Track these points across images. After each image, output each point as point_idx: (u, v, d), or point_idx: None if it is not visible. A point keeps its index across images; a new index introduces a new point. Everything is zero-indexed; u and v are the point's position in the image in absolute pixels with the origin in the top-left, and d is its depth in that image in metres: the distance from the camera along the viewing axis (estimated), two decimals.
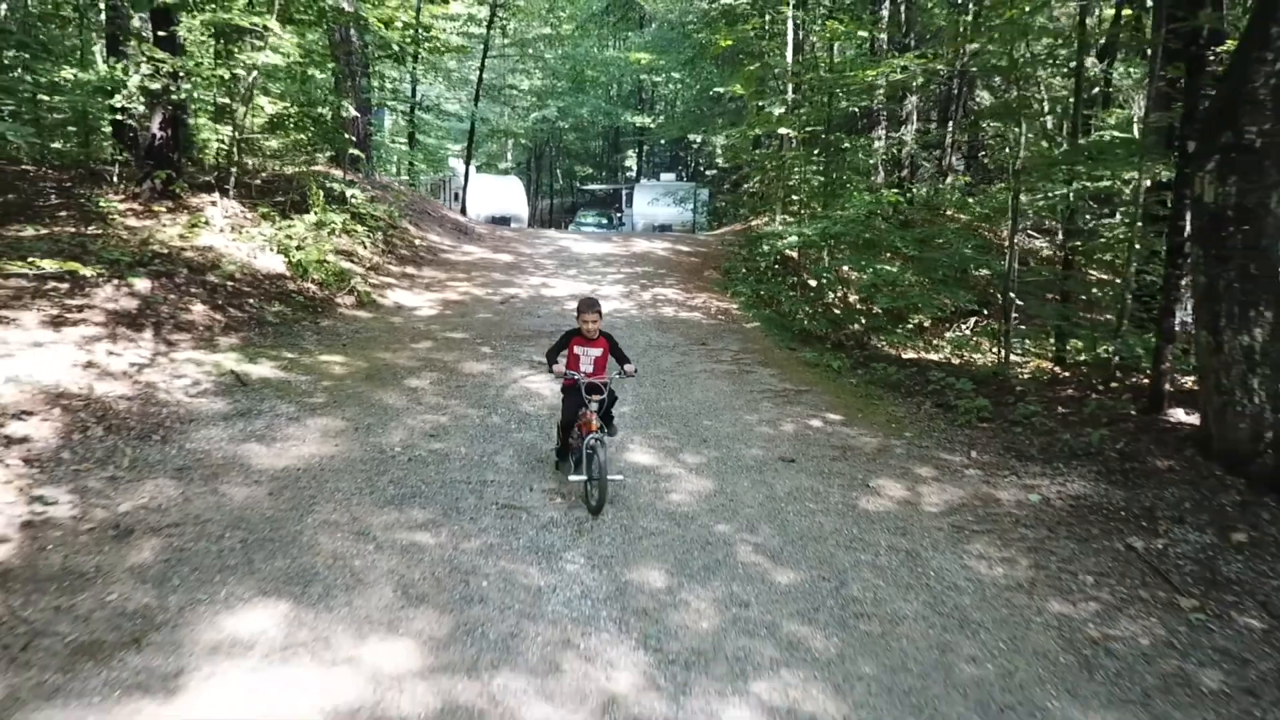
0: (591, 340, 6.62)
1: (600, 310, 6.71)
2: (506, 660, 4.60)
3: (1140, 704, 4.63)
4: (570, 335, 6.68)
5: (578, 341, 6.63)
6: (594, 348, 6.63)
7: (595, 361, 6.63)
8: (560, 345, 6.66)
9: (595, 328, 6.61)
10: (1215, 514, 6.29)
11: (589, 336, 6.61)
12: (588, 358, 6.61)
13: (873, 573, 5.67)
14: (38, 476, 6.24)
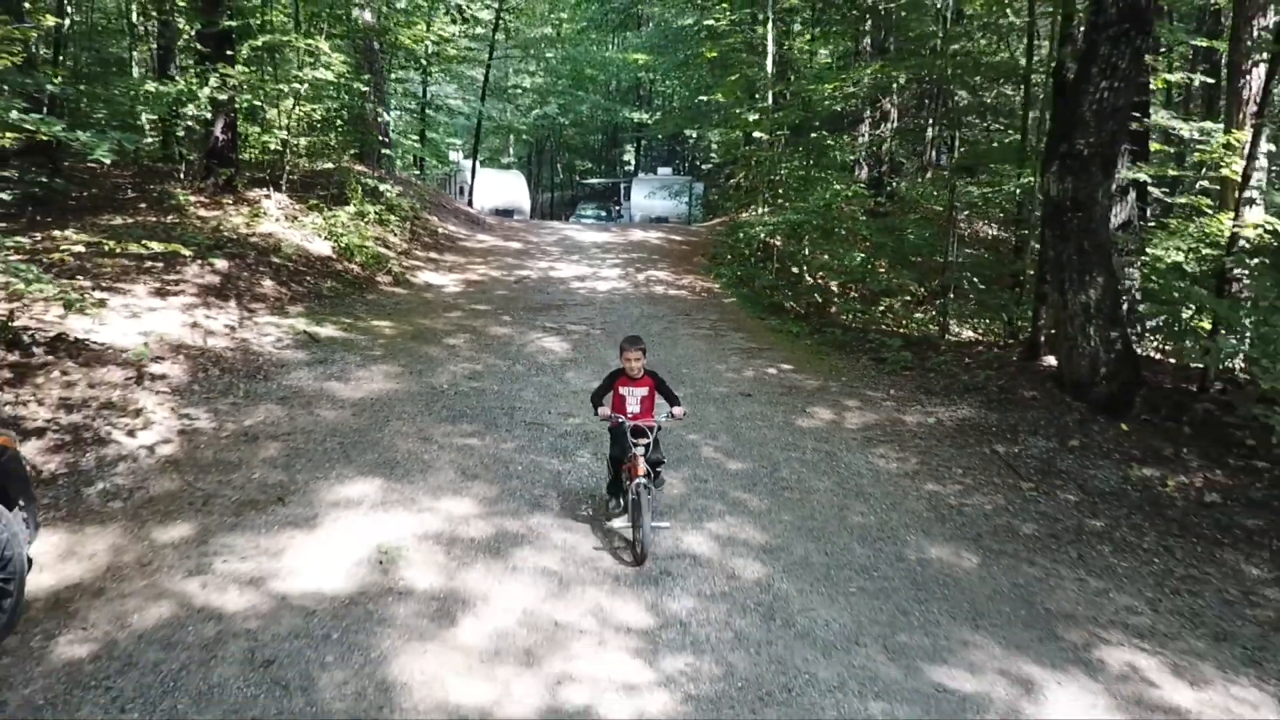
0: (637, 380, 6.34)
1: (644, 348, 6.43)
2: (539, 509, 6.67)
3: (973, 540, 6.71)
4: (615, 376, 6.43)
5: (622, 382, 6.36)
6: (639, 387, 6.34)
7: (642, 402, 6.34)
8: (605, 386, 6.43)
9: (640, 366, 6.34)
10: (1060, 428, 8.37)
11: (634, 376, 6.33)
12: (634, 398, 6.32)
13: (799, 464, 7.75)
14: (180, 401, 8.30)
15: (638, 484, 5.91)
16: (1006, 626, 5.59)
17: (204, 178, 14.76)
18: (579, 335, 11.88)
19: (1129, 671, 5.25)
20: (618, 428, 6.24)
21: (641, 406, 6.31)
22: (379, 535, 6.16)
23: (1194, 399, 8.51)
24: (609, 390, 6.39)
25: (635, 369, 6.31)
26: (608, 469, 6.52)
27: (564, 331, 12.05)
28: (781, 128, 16.73)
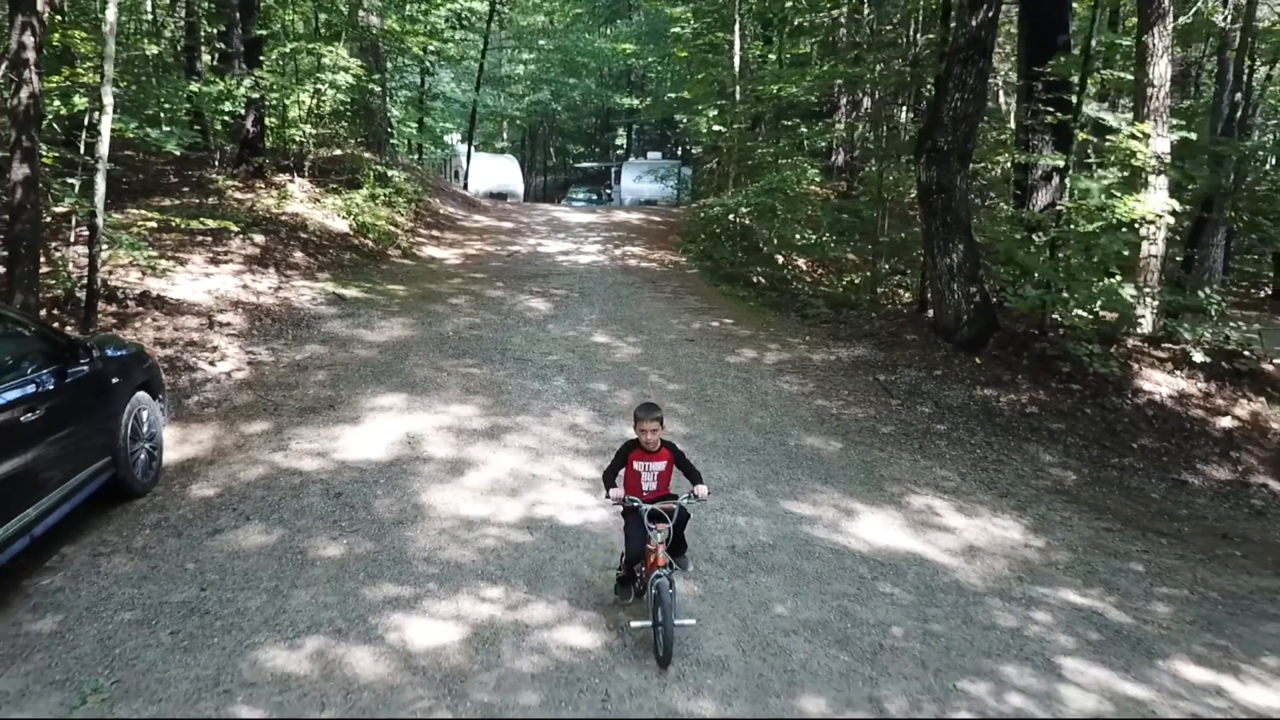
0: (653, 453, 5.56)
1: (661, 417, 5.58)
2: (524, 412, 9.09)
3: (841, 435, 9.14)
4: (628, 449, 5.62)
5: (637, 456, 5.58)
6: (656, 461, 5.59)
7: (659, 478, 5.61)
8: (618, 463, 5.62)
9: (656, 438, 5.53)
10: (929, 362, 10.81)
11: (649, 449, 5.54)
12: (650, 474, 5.59)
13: (722, 386, 10.18)
14: (244, 341, 10.69)
15: (658, 576, 5.16)
16: (847, 484, 8.03)
17: (236, 165, 17.07)
18: (560, 297, 14.27)
19: (925, 509, 7.70)
20: (633, 512, 5.44)
21: (659, 483, 5.59)
22: (406, 426, 8.57)
23: (1034, 340, 10.93)
24: (621, 467, 5.58)
25: (652, 441, 5.50)
26: (619, 563, 5.73)
27: (548, 295, 14.43)
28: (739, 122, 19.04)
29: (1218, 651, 5.91)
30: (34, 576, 5.80)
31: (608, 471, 5.55)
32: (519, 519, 6.86)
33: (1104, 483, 8.81)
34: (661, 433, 5.53)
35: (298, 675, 4.89)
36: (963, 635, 5.72)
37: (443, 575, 5.96)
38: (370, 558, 6.15)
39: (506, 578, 5.98)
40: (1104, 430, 9.67)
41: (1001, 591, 6.40)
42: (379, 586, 5.79)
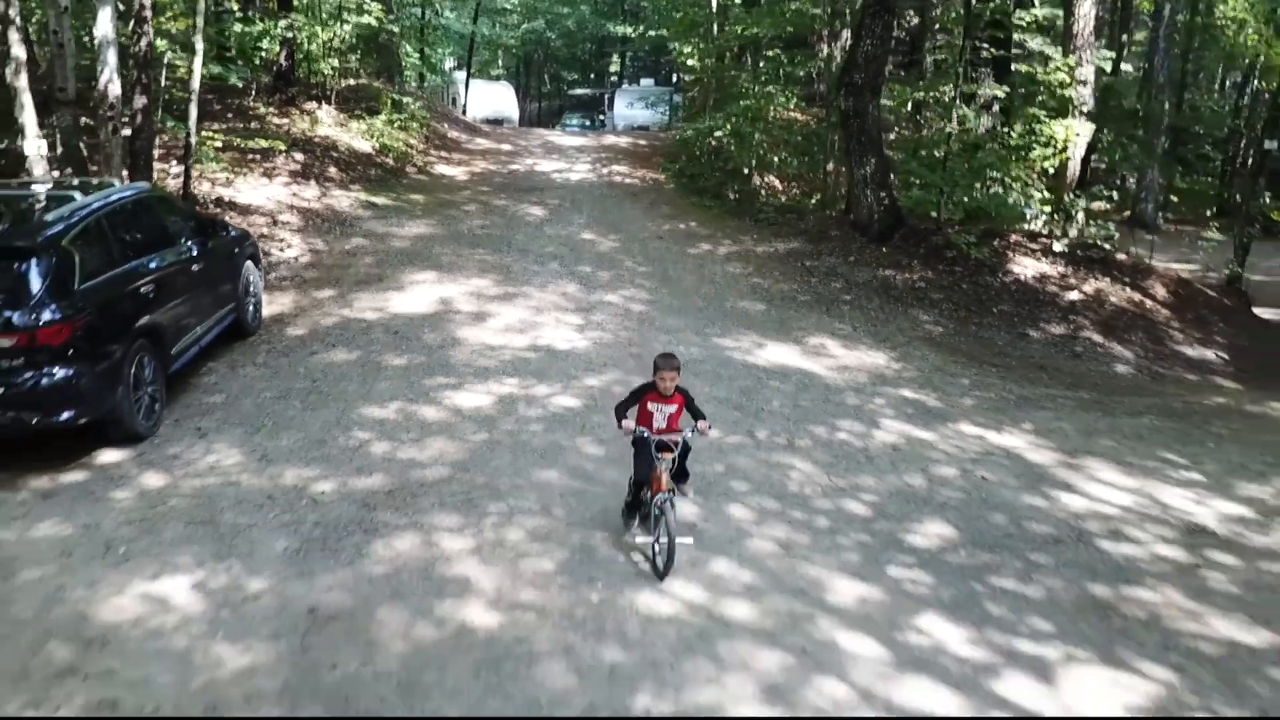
0: (667, 397, 6.11)
1: (679, 366, 6.15)
2: (527, 284, 12.01)
3: (767, 302, 12.08)
4: (644, 390, 6.17)
5: (652, 398, 6.14)
6: (670, 404, 6.14)
7: (669, 418, 6.18)
8: (631, 400, 6.22)
9: (672, 386, 6.07)
10: (845, 251, 13.72)
11: (664, 394, 6.09)
12: (661, 414, 6.15)
13: (680, 269, 13.11)
14: (303, 235, 13.55)
15: (660, 498, 5.78)
16: (764, 330, 11.00)
17: (272, 94, 19.69)
18: (554, 206, 17.09)
19: (818, 345, 10.68)
20: (642, 441, 6.03)
21: (668, 423, 6.14)
22: (439, 293, 11.49)
23: (931, 233, 13.82)
24: (635, 404, 6.18)
25: (668, 388, 6.07)
26: (628, 489, 6.30)
27: (544, 204, 17.24)
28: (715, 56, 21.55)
29: (993, 422, 8.94)
30: (198, 377, 8.76)
31: (620, 406, 6.14)
32: (525, 345, 9.84)
33: (963, 335, 11.81)
34: (677, 379, 6.06)
35: (388, 419, 7.88)
36: (819, 407, 8.75)
37: (476, 373, 8.96)
38: (425, 365, 9.13)
39: (519, 374, 8.98)
40: (973, 299, 12.63)
41: (856, 389, 9.42)
42: (434, 379, 8.78)
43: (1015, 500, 7.16)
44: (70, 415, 6.82)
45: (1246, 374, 11.79)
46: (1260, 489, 7.79)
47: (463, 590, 5.46)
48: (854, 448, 7.91)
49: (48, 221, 7.23)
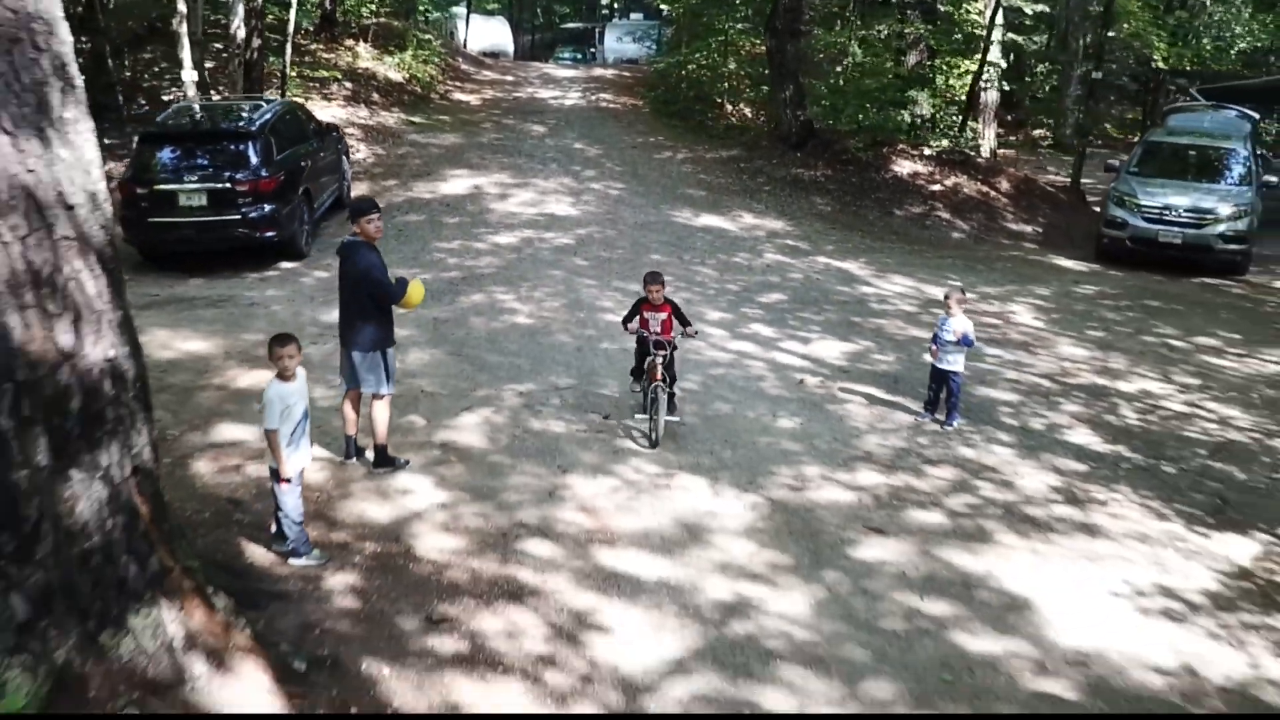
0: (658, 306, 7.79)
1: (664, 281, 7.92)
2: (534, 176, 16.93)
3: (708, 191, 17.05)
4: (640, 302, 7.90)
5: (646, 308, 7.82)
6: (660, 312, 7.78)
7: (661, 324, 7.73)
8: (632, 312, 7.94)
9: (660, 296, 7.78)
10: (769, 156, 18.63)
11: (655, 303, 7.79)
12: (655, 320, 7.75)
13: (646, 169, 18.02)
14: (366, 143, 18.39)
15: (655, 386, 7.38)
16: (701, 207, 15.96)
17: (318, 33, 24.29)
18: (551, 125, 21.88)
19: (737, 215, 15.67)
20: (643, 341, 7.78)
21: (661, 327, 7.74)
22: (472, 182, 16.39)
23: (834, 142, 18.69)
24: (636, 314, 7.89)
25: (657, 298, 7.78)
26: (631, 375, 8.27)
27: (544, 123, 22.03)
28: None
29: (840, 256, 13.97)
30: (324, 226, 13.71)
31: (626, 316, 8.02)
32: (535, 212, 14.80)
33: (844, 212, 16.79)
34: (664, 291, 7.85)
35: (453, 248, 12.86)
36: (727, 246, 13.77)
37: (505, 226, 13.94)
38: (470, 222, 14.09)
39: (533, 227, 13.96)
40: (857, 189, 17.57)
41: (755, 239, 14.44)
42: (477, 229, 13.75)
43: (832, 287, 12.26)
44: (272, 235, 11.82)
45: (1047, 241, 16.78)
46: (992, 287, 12.89)
47: (512, 312, 10.53)
48: (741, 264, 12.98)
49: (254, 118, 12.18)
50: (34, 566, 3.51)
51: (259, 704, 4.03)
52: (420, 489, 6.57)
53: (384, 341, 6.77)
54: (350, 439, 6.94)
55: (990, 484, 7.25)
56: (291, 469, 5.32)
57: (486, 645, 4.91)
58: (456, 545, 5.87)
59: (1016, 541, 6.43)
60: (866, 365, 9.65)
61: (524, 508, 6.41)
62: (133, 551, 3.84)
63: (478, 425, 7.67)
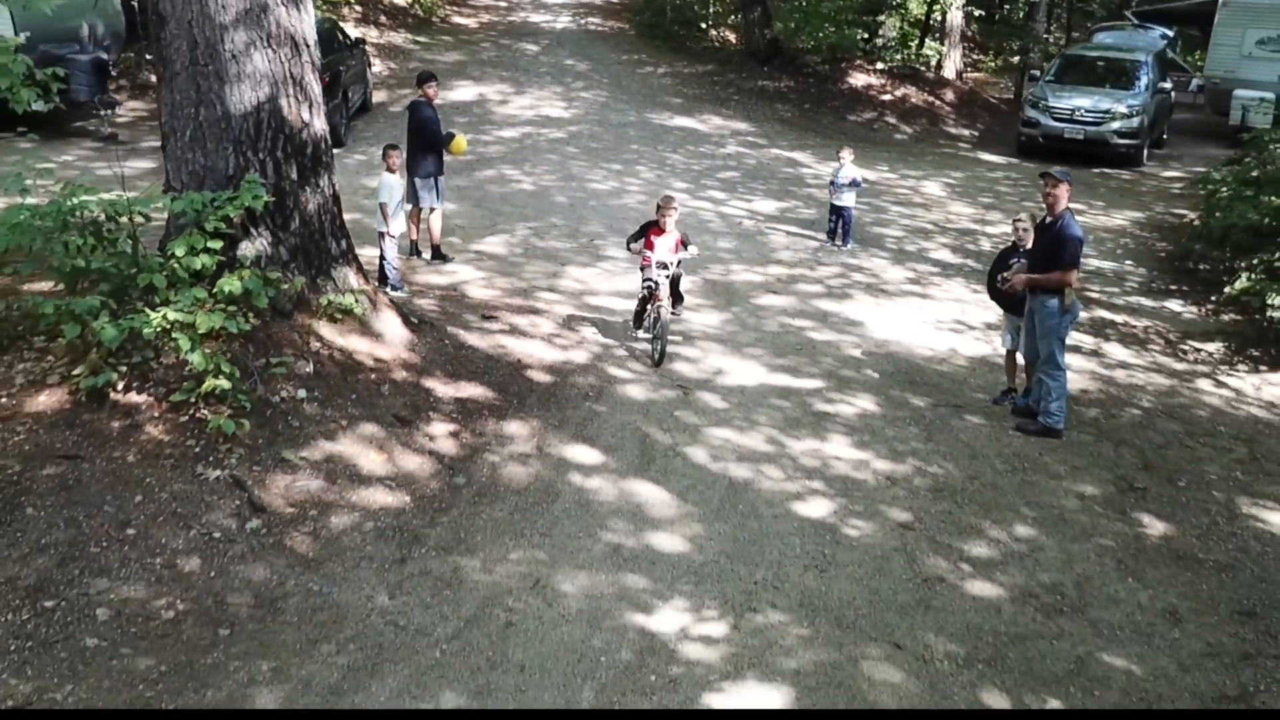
0: (667, 231, 8.26)
1: (677, 207, 8.44)
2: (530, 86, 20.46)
3: (685, 99, 20.60)
4: (648, 226, 8.37)
5: (655, 232, 8.25)
6: (669, 236, 8.26)
7: (668, 250, 8.27)
8: (639, 234, 8.45)
9: (671, 222, 8.24)
10: (740, 71, 22.14)
11: (664, 228, 8.24)
12: (663, 246, 8.22)
13: (630, 80, 21.55)
14: (380, 60, 21.85)
15: (659, 306, 8.05)
16: (676, 111, 19.51)
17: None
18: (544, 44, 25.28)
19: (706, 118, 19.23)
20: (647, 262, 8.24)
21: (670, 251, 8.29)
22: (477, 91, 19.89)
23: (798, 58, 22.20)
24: (643, 237, 8.36)
25: (668, 223, 8.24)
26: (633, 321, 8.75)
27: (537, 43, 25.42)
28: None
29: (791, 149, 17.58)
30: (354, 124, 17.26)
31: (632, 236, 8.67)
32: (533, 115, 18.35)
33: (802, 118, 20.33)
34: (675, 217, 8.37)
35: None
36: (695, 140, 17.37)
37: (508, 124, 17.51)
38: (478, 121, 17.62)
39: (531, 124, 17.54)
40: (816, 98, 21.12)
41: (720, 135, 18.03)
42: (484, 127, 17.30)
43: (779, 169, 15.92)
44: None
45: (981, 143, 20.36)
46: (914, 171, 16.55)
47: (518, 182, 14.15)
48: (706, 153, 16.62)
49: None
50: (289, 234, 7.19)
51: (397, 330, 7.72)
52: (465, 272, 10.26)
53: (437, 171, 10.40)
54: (413, 243, 10.62)
55: (862, 275, 11.02)
56: (394, 229, 9.03)
57: (519, 327, 8.66)
58: (495, 294, 9.59)
59: (868, 299, 10.21)
60: (793, 215, 13.35)
61: (537, 279, 10.14)
62: (334, 236, 7.53)
63: (499, 242, 11.36)
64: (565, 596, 5.21)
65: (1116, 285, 11.33)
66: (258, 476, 5.77)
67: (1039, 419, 7.38)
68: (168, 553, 5.12)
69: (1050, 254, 7.14)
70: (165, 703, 4.26)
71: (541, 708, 4.38)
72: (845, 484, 6.56)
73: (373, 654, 4.68)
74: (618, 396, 7.63)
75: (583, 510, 6.04)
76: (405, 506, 5.89)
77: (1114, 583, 5.66)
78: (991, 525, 6.15)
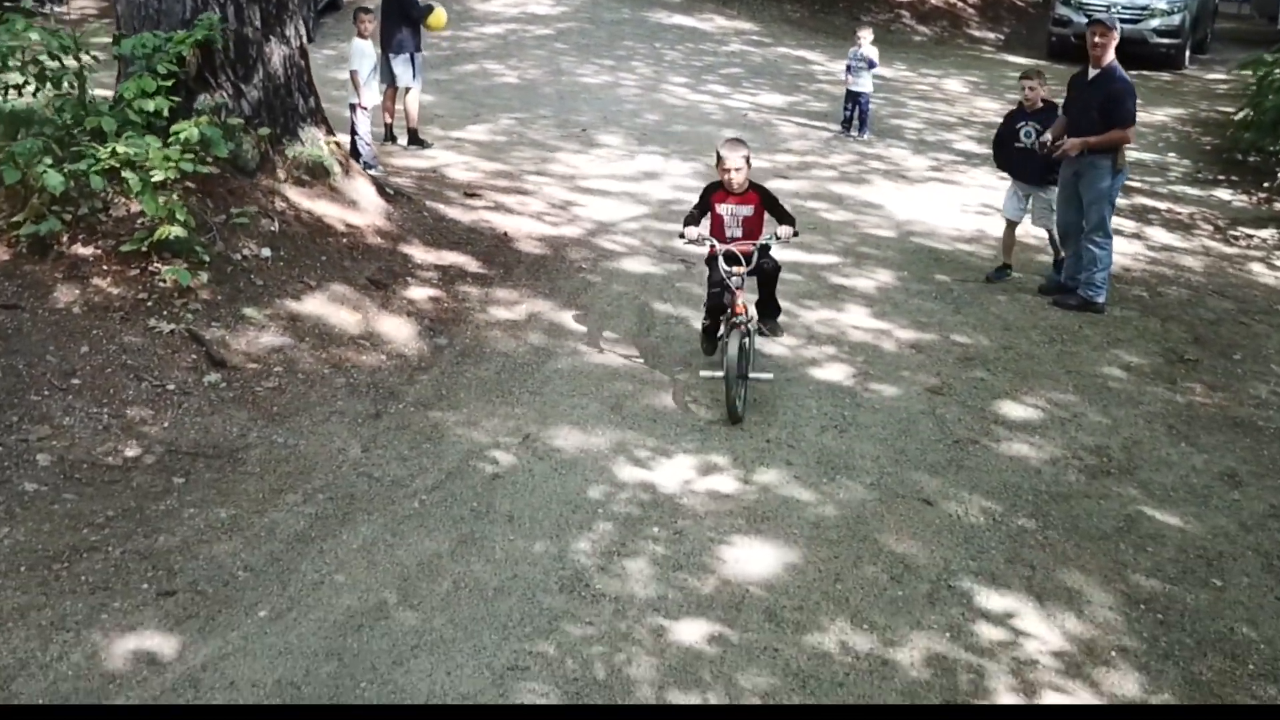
0: (737, 195, 5.58)
1: (748, 155, 5.57)
2: None
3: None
4: (711, 190, 5.68)
5: (719, 198, 5.62)
6: (743, 205, 5.59)
7: (743, 223, 5.60)
8: (700, 207, 5.70)
9: (742, 177, 5.52)
10: None
11: (734, 190, 5.55)
12: (734, 218, 5.60)
13: None
14: None
15: (737, 323, 5.26)
16: (676, 11, 19.08)
17: None
18: None
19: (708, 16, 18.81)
20: (711, 255, 5.60)
21: (744, 229, 5.61)
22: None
23: None
24: (705, 212, 5.69)
25: (737, 181, 5.52)
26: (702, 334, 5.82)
27: None
28: None
29: (799, 48, 17.21)
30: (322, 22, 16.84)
31: (689, 215, 5.65)
32: (520, 11, 17.93)
33: (814, 18, 19.86)
34: (747, 172, 5.55)
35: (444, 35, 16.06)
36: (696, 39, 16.99)
37: (490, 20, 17.11)
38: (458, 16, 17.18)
39: (517, 20, 17.14)
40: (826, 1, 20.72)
41: (722, 34, 17.64)
42: (465, 23, 16.90)
43: (786, 66, 15.58)
44: None
45: (1006, 46, 19.98)
46: (935, 70, 16.21)
47: (502, 75, 13.80)
48: (707, 50, 16.27)
49: None
50: (252, 87, 6.89)
51: (372, 198, 7.45)
52: (446, 157, 9.96)
53: (414, 47, 10.05)
54: (388, 127, 10.30)
55: (880, 163, 10.76)
56: (367, 100, 8.73)
57: (506, 205, 8.41)
58: (479, 176, 9.31)
59: (887, 184, 9.96)
60: (802, 108, 13.06)
61: (525, 164, 9.86)
62: (301, 91, 7.24)
63: (483, 131, 11.06)
64: (558, 451, 5.01)
65: (1158, 175, 11.06)
66: (217, 333, 5.55)
67: (1079, 292, 7.15)
68: (116, 403, 4.91)
69: (1102, 111, 6.86)
70: (112, 547, 4.07)
71: (531, 561, 4.19)
72: (865, 350, 6.35)
73: (344, 504, 4.49)
74: (614, 269, 7.40)
75: (576, 372, 5.83)
76: (381, 365, 5.68)
77: (1165, 447, 5.47)
78: (1028, 392, 5.94)
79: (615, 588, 4.08)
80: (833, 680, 3.67)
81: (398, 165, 9.44)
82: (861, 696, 3.61)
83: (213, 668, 3.52)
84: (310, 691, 3.45)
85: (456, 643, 3.71)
